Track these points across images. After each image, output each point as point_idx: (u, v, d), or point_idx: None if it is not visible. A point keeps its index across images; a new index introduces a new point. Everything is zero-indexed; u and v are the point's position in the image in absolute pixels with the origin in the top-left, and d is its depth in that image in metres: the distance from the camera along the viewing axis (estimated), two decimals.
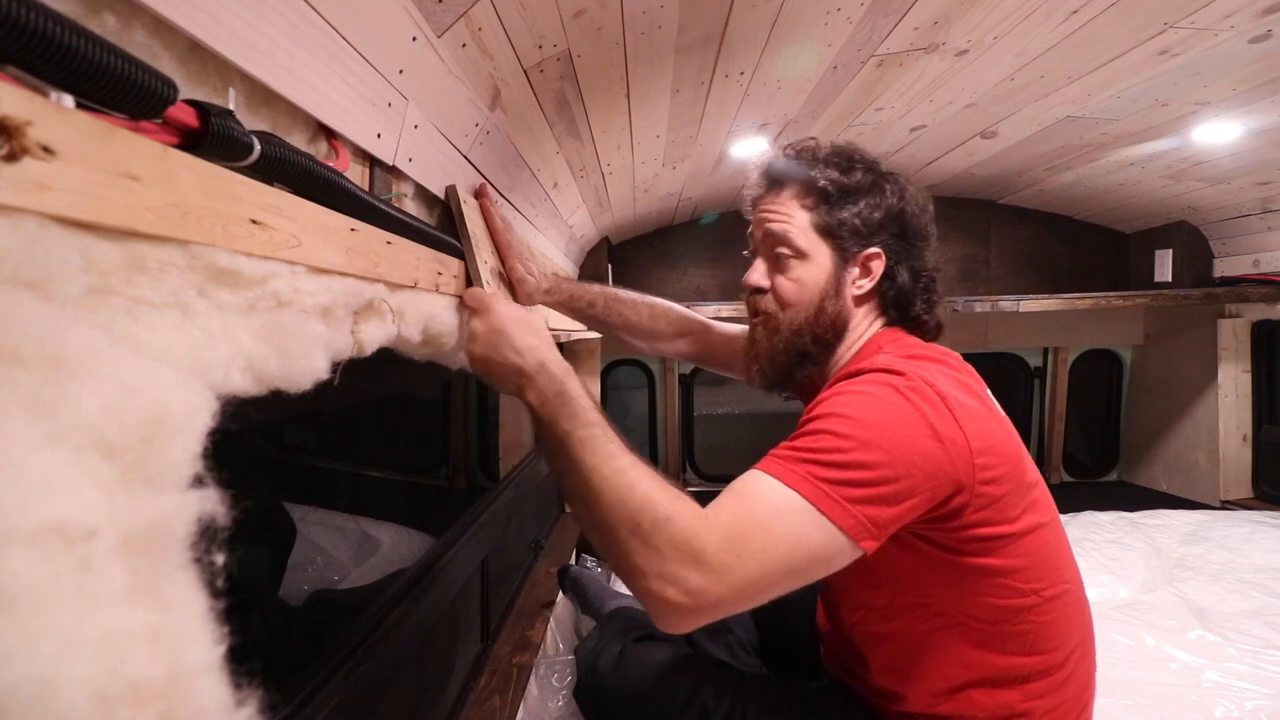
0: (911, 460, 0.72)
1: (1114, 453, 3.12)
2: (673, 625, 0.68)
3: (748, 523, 0.68)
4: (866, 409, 0.75)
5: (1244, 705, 1.26)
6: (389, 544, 1.79)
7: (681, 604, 0.66)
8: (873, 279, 0.92)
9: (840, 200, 0.91)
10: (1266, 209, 2.23)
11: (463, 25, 0.80)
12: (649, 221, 2.61)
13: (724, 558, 0.66)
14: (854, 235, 0.91)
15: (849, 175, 0.92)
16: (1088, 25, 1.22)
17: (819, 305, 0.91)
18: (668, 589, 0.66)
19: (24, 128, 0.30)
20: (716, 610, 0.67)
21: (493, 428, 2.28)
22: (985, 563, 0.80)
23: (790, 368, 0.95)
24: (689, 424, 3.07)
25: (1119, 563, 1.90)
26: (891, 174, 0.95)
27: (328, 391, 0.59)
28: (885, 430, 0.73)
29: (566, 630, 1.64)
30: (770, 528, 0.68)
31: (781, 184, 0.95)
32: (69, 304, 0.34)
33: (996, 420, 0.82)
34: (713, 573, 0.65)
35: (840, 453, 0.71)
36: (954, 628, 0.83)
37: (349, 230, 0.62)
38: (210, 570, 0.36)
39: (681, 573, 0.66)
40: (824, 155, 0.95)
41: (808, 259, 0.92)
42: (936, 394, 0.76)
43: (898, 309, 0.94)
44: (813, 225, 0.92)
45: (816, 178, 0.92)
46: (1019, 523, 0.80)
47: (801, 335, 0.92)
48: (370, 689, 0.86)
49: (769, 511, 0.69)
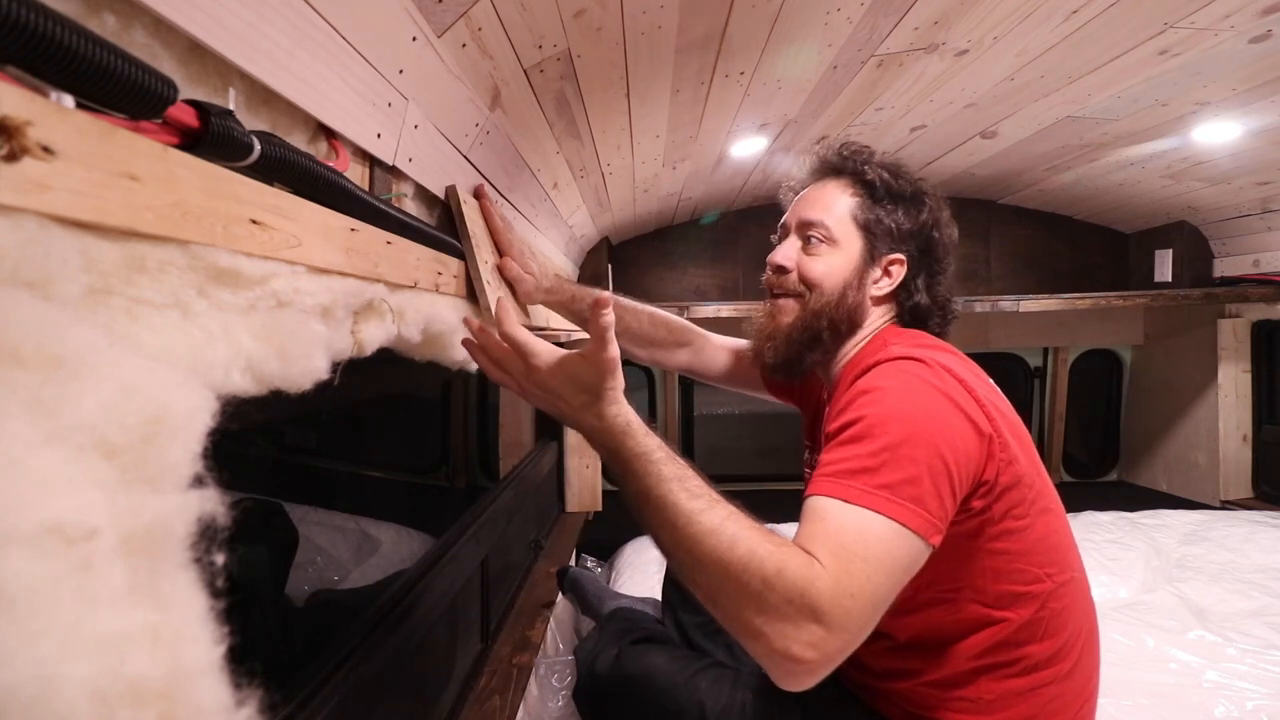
0: (954, 446, 0.73)
1: (1114, 453, 3.12)
2: (803, 683, 0.64)
3: (846, 557, 0.66)
4: (900, 401, 0.76)
5: (1244, 705, 1.26)
6: (389, 544, 1.79)
7: (811, 660, 0.63)
8: (892, 283, 0.96)
9: (884, 199, 0.96)
10: (1266, 209, 2.23)
11: (463, 25, 0.80)
12: (649, 221, 2.61)
13: (841, 601, 0.64)
14: (886, 236, 0.95)
15: (897, 180, 0.97)
16: (1088, 25, 1.22)
17: (841, 292, 0.94)
18: (792, 647, 0.62)
19: (24, 128, 0.30)
20: (843, 654, 0.64)
21: (493, 428, 2.28)
22: (1005, 546, 0.81)
23: (803, 349, 0.96)
24: (689, 424, 3.07)
25: (1119, 563, 1.90)
26: (933, 195, 1.00)
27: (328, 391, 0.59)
28: (923, 421, 0.74)
29: (566, 630, 1.64)
30: (866, 555, 0.66)
31: (833, 173, 1.00)
32: (69, 304, 0.34)
33: (1007, 406, 0.85)
34: (834, 620, 0.63)
35: (889, 453, 0.71)
36: (969, 617, 0.83)
37: (349, 230, 0.62)
38: (210, 570, 0.36)
39: (805, 629, 0.62)
40: (877, 158, 1.00)
41: (839, 246, 0.95)
42: (956, 379, 0.78)
43: (914, 320, 0.98)
44: (851, 215, 0.96)
45: (868, 171, 0.96)
46: (1034, 506, 0.82)
47: (820, 318, 0.94)
48: (370, 689, 0.86)
49: (857, 538, 0.67)
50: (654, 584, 1.64)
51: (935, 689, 0.86)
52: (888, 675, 0.91)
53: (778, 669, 0.64)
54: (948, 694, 0.85)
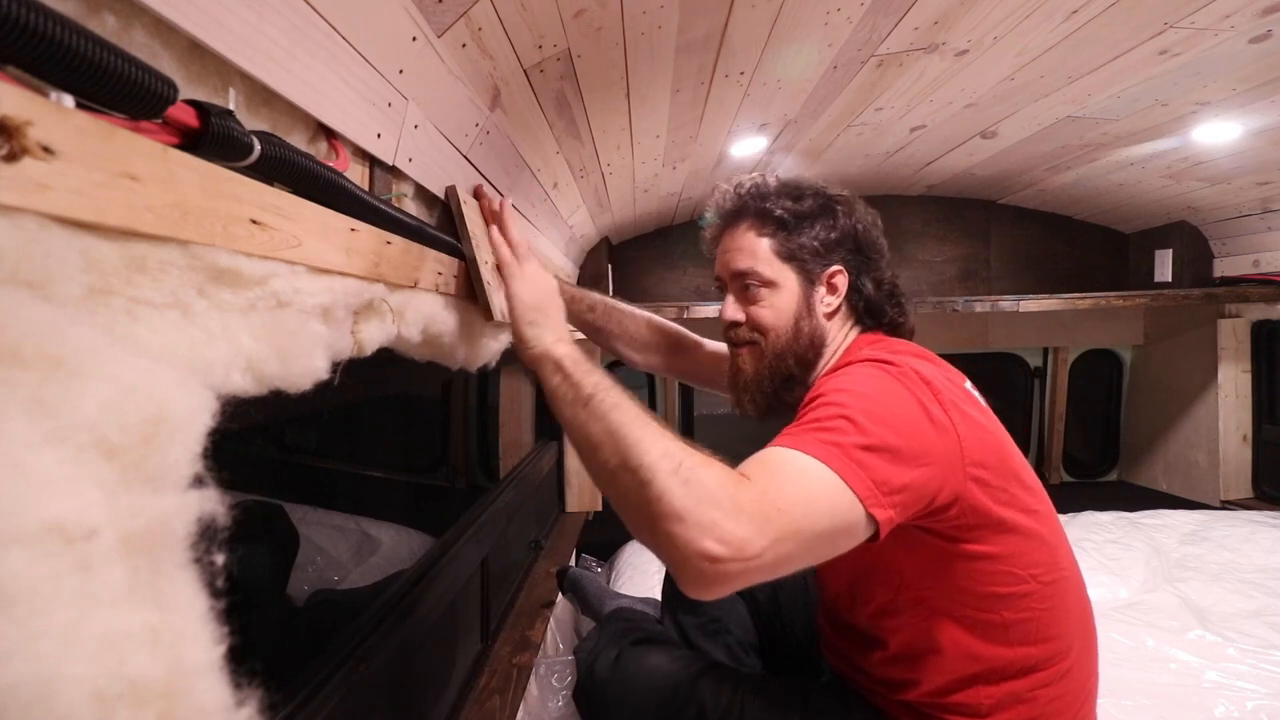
0: (909, 434, 0.74)
1: (1114, 453, 3.12)
2: (704, 584, 0.62)
3: (780, 479, 0.67)
4: (865, 385, 0.78)
5: (1244, 705, 1.26)
6: (389, 544, 1.79)
7: (719, 556, 0.60)
8: (839, 295, 0.97)
9: (797, 226, 0.96)
10: (1266, 209, 2.23)
11: (463, 25, 0.80)
12: (649, 221, 2.61)
13: (763, 507, 0.63)
14: (815, 256, 0.96)
15: (800, 202, 0.97)
16: (1088, 25, 1.22)
17: (795, 326, 0.96)
18: (705, 539, 0.61)
19: (24, 128, 0.30)
20: (749, 570, 0.62)
21: (493, 428, 2.28)
22: (982, 549, 0.81)
23: (778, 391, 0.98)
24: (689, 424, 3.07)
25: (1119, 563, 1.90)
26: (838, 196, 1.00)
27: (328, 391, 0.59)
28: (886, 404, 0.75)
29: (566, 630, 1.64)
30: (802, 485, 0.67)
31: (738, 219, 1.00)
32: (69, 304, 0.34)
33: (978, 409, 0.85)
34: (753, 523, 0.61)
35: (845, 420, 0.72)
36: (958, 621, 0.84)
37: (349, 230, 0.62)
38: (210, 570, 0.36)
39: (723, 520, 0.61)
40: (774, 188, 1.00)
41: (776, 286, 0.97)
42: (923, 381, 0.79)
43: (871, 317, 0.99)
44: (774, 253, 0.97)
45: (771, 208, 0.97)
46: (1010, 507, 0.82)
47: (784, 358, 0.96)
48: (370, 689, 0.86)
49: (797, 472, 0.68)
50: (654, 584, 1.64)
51: (935, 697, 0.86)
52: (889, 685, 0.91)
53: (689, 563, 0.62)
54: (946, 700, 0.86)
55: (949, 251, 2.82)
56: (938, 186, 2.55)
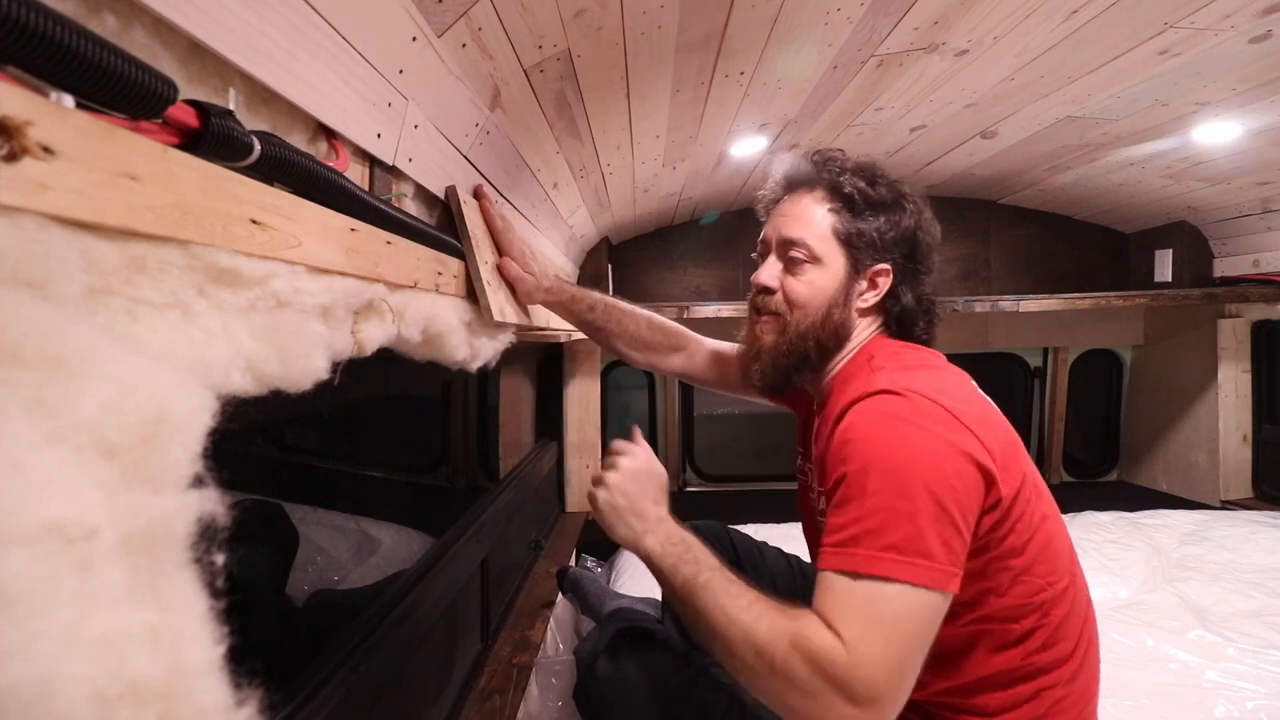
0: (949, 486, 0.72)
1: (1114, 453, 3.12)
2: None
3: (864, 621, 0.68)
4: (886, 448, 0.74)
5: (1244, 705, 1.26)
6: (389, 544, 1.79)
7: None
8: (878, 294, 0.94)
9: (863, 210, 0.92)
10: (1266, 209, 2.23)
11: (463, 25, 0.80)
12: (649, 221, 2.61)
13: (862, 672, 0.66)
14: (869, 247, 0.92)
15: (874, 188, 0.93)
16: (1088, 25, 1.22)
17: (827, 312, 0.92)
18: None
19: (24, 128, 0.30)
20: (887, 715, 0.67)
21: (493, 428, 2.28)
22: (1010, 563, 0.81)
23: (790, 370, 0.95)
24: (689, 424, 3.07)
25: (1119, 563, 1.90)
26: (912, 196, 0.96)
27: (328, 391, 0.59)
28: (913, 467, 0.72)
29: (566, 630, 1.64)
30: (881, 621, 0.68)
31: (807, 186, 0.96)
32: (69, 304, 0.34)
33: (994, 414, 0.84)
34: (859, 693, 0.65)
35: (887, 511, 0.71)
36: (975, 631, 0.83)
37: (349, 230, 0.62)
38: (210, 570, 0.36)
39: (834, 706, 0.66)
40: (851, 165, 0.95)
41: (822, 264, 0.92)
42: (940, 408, 0.76)
43: (900, 326, 0.96)
44: (832, 231, 0.92)
45: (844, 183, 0.92)
46: (1033, 515, 0.82)
47: (806, 339, 0.93)
48: (370, 689, 0.86)
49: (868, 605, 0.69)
50: (654, 584, 1.64)
51: (944, 696, 0.86)
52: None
53: None
54: (955, 701, 0.85)
55: (949, 251, 2.82)
56: (938, 186, 2.55)
